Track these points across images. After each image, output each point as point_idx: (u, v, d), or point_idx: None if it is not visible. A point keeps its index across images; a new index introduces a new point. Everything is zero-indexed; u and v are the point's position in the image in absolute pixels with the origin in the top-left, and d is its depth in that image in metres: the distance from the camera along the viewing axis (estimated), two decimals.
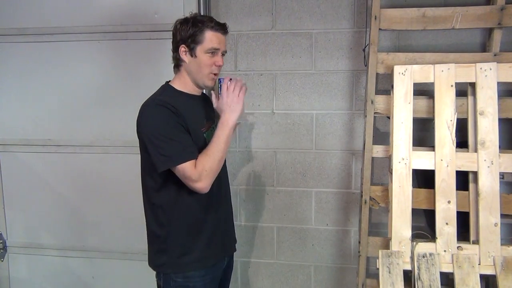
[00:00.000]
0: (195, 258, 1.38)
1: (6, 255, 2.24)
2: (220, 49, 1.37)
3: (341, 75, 1.88)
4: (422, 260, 1.48)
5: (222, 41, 1.38)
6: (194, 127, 1.35)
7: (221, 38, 1.38)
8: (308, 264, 2.02)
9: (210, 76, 1.39)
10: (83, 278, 2.19)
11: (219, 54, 1.38)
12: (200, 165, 1.28)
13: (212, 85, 1.42)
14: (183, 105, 1.35)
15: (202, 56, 1.35)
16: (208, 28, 1.34)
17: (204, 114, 1.45)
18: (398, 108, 1.59)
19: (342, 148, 1.92)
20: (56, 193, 2.15)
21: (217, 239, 1.45)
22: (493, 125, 1.53)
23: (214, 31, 1.35)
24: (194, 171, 1.27)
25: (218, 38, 1.36)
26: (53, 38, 2.02)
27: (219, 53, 1.38)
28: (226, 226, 1.54)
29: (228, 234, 1.56)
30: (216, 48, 1.36)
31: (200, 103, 1.47)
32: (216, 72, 1.40)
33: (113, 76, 2.02)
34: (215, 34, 1.35)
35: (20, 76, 2.09)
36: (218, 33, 1.36)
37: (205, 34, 1.34)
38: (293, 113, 1.94)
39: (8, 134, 2.14)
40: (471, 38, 1.76)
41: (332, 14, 1.85)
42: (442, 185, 1.53)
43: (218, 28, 1.36)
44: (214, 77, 1.40)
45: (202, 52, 1.35)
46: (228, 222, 1.57)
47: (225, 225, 1.53)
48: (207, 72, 1.37)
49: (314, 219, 1.99)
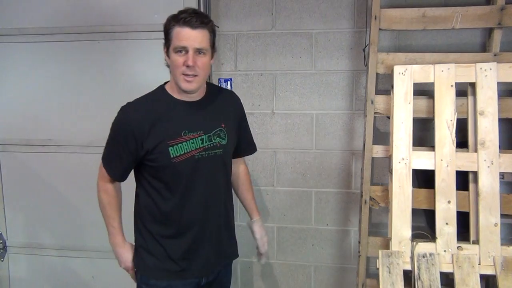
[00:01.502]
0: (161, 267, 1.35)
1: (6, 255, 2.24)
2: (187, 46, 1.22)
3: (341, 75, 1.88)
4: (422, 260, 1.48)
5: (190, 38, 1.22)
6: (158, 139, 1.26)
7: (190, 34, 1.22)
8: (308, 264, 2.02)
9: (182, 78, 1.25)
10: (83, 278, 2.19)
11: (190, 53, 1.22)
12: (101, 186, 1.39)
13: (189, 88, 1.27)
14: (160, 111, 1.29)
15: (172, 55, 1.25)
16: (176, 23, 1.23)
17: (190, 123, 1.31)
18: (398, 108, 1.59)
19: (342, 148, 1.92)
20: (56, 193, 2.15)
21: (196, 255, 1.37)
22: (493, 125, 1.53)
23: (180, 26, 1.22)
24: (100, 180, 1.38)
25: (185, 35, 1.22)
26: (53, 38, 2.02)
27: (189, 51, 1.22)
28: (214, 243, 1.40)
29: (218, 250, 1.42)
30: (182, 46, 1.22)
31: (190, 109, 1.33)
32: (189, 73, 1.24)
33: (113, 76, 2.02)
34: (181, 30, 1.22)
35: (20, 76, 2.09)
36: (185, 29, 1.22)
37: (173, 31, 1.24)
38: (293, 113, 1.94)
39: (8, 134, 2.14)
40: (471, 38, 1.76)
41: (332, 14, 1.85)
42: (442, 185, 1.53)
43: (184, 23, 1.21)
44: (189, 79, 1.25)
45: (172, 52, 1.25)
46: (220, 238, 1.43)
47: (211, 243, 1.39)
48: (178, 73, 1.25)
49: (314, 219, 1.99)
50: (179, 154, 1.28)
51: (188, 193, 1.33)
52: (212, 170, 1.36)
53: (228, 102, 1.46)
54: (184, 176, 1.31)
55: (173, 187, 1.32)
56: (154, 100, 1.33)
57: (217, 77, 1.96)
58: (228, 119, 1.41)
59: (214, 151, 1.34)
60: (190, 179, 1.32)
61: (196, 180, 1.33)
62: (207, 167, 1.34)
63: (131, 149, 1.28)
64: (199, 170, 1.33)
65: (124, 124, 1.29)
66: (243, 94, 1.95)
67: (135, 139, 1.26)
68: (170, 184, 1.32)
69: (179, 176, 1.31)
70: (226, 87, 1.96)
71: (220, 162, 1.38)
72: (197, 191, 1.34)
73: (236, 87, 1.95)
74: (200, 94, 1.36)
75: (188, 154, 1.30)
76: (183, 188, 1.32)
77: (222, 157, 1.37)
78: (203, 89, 1.37)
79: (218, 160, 1.37)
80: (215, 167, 1.37)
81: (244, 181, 1.58)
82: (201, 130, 1.32)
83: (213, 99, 1.40)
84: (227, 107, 1.44)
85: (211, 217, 1.39)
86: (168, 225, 1.35)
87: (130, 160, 1.31)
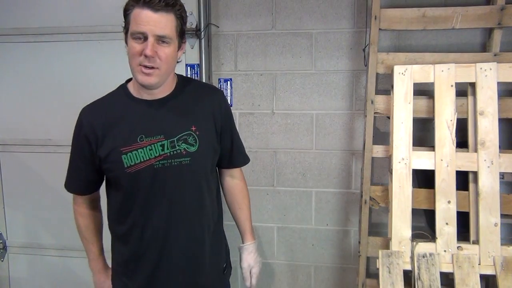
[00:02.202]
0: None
1: (6, 255, 2.24)
2: (146, 32, 1.02)
3: (341, 75, 1.88)
4: (422, 260, 1.48)
5: (150, 22, 1.02)
6: (111, 146, 1.11)
7: (150, 17, 1.02)
8: (308, 264, 2.02)
9: (139, 69, 1.06)
10: (83, 278, 2.19)
11: (150, 40, 1.03)
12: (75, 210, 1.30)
13: (146, 82, 1.08)
14: (116, 113, 1.14)
15: (129, 42, 1.07)
16: (135, 4, 1.04)
17: (148, 127, 1.12)
18: (398, 108, 1.59)
19: (342, 148, 1.92)
20: (56, 193, 2.15)
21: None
22: (493, 125, 1.53)
23: (140, 7, 1.03)
24: (74, 204, 1.31)
25: (144, 18, 1.02)
26: (53, 38, 2.02)
27: (149, 38, 1.03)
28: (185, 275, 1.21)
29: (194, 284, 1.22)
30: (140, 32, 1.03)
31: (149, 109, 1.14)
32: (147, 64, 1.05)
33: (113, 76, 2.01)
34: (140, 12, 1.02)
35: (20, 76, 2.09)
36: (145, 11, 1.02)
37: (132, 12, 1.05)
38: (293, 113, 1.94)
39: (8, 134, 2.14)
40: (471, 38, 1.76)
41: (332, 14, 1.85)
42: (442, 185, 1.53)
43: (145, 4, 1.02)
44: (147, 71, 1.06)
45: (130, 37, 1.06)
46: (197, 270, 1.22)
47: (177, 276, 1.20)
48: (134, 63, 1.06)
49: (314, 219, 1.99)
50: (134, 163, 1.10)
51: (147, 210, 1.15)
52: (177, 182, 1.15)
53: (205, 100, 1.22)
54: (141, 189, 1.13)
55: (130, 203, 1.15)
56: (111, 101, 1.18)
57: (217, 77, 1.96)
58: (202, 120, 1.19)
59: (179, 160, 1.13)
60: (149, 193, 1.13)
61: (155, 195, 1.14)
62: (170, 179, 1.14)
63: (87, 156, 1.16)
64: (159, 183, 1.13)
65: (78, 128, 1.18)
66: (243, 94, 1.95)
67: (89, 144, 1.14)
68: (127, 198, 1.15)
69: (136, 189, 1.13)
70: (226, 87, 1.96)
71: (188, 174, 1.16)
72: (158, 208, 1.15)
73: (236, 87, 1.95)
74: (165, 91, 1.16)
75: (145, 163, 1.11)
76: (142, 204, 1.14)
77: (190, 167, 1.15)
78: (169, 84, 1.17)
79: (185, 171, 1.14)
80: (181, 179, 1.15)
81: (235, 198, 1.37)
82: (162, 134, 1.12)
83: (183, 96, 1.18)
84: (202, 106, 1.20)
85: (178, 241, 1.18)
86: (127, 248, 1.19)
87: (90, 169, 1.18)
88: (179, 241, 1.18)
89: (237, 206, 1.38)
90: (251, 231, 1.38)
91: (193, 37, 1.86)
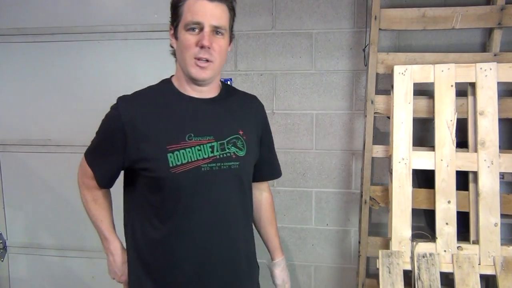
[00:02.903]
0: None
1: (6, 255, 2.24)
2: (202, 22, 0.98)
3: (341, 75, 1.88)
4: (422, 260, 1.48)
5: (207, 11, 0.98)
6: (155, 142, 1.01)
7: (206, 7, 0.98)
8: (308, 264, 2.02)
9: (193, 62, 1.00)
10: (83, 278, 2.19)
11: (206, 30, 0.98)
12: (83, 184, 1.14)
13: (200, 76, 1.02)
14: (161, 106, 1.05)
15: (182, 34, 1.00)
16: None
17: (197, 125, 1.05)
18: (398, 108, 1.59)
19: (342, 148, 1.92)
20: (56, 193, 2.15)
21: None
22: (493, 125, 1.53)
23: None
24: (82, 177, 1.13)
25: (200, 8, 0.98)
26: (53, 38, 2.02)
27: (205, 28, 0.98)
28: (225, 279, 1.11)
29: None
30: (196, 22, 0.98)
31: (199, 107, 1.07)
32: (202, 56, 1.00)
33: (113, 76, 2.02)
34: (196, 2, 0.98)
35: (20, 76, 2.09)
36: (200, 0, 0.98)
37: (185, 3, 0.99)
38: (293, 113, 1.94)
39: (8, 134, 2.14)
40: (471, 38, 1.76)
41: (332, 14, 1.85)
42: (442, 185, 1.53)
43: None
44: (202, 64, 1.00)
45: (183, 29, 1.00)
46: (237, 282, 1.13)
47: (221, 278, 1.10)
48: (188, 56, 1.00)
49: (314, 219, 1.99)
50: (180, 163, 1.00)
51: (188, 216, 1.04)
52: (223, 188, 1.06)
53: (249, 106, 1.19)
54: (184, 193, 1.03)
55: (169, 207, 1.04)
56: (155, 93, 1.09)
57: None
58: (248, 127, 1.13)
59: (228, 164, 1.05)
60: (191, 197, 1.03)
61: (200, 199, 1.04)
62: (216, 184, 1.05)
63: (118, 150, 1.04)
64: (205, 187, 1.04)
65: (114, 117, 1.05)
66: None
67: (125, 137, 1.02)
68: (165, 202, 1.04)
69: (177, 191, 1.02)
70: None
71: (235, 179, 1.08)
72: (199, 215, 1.04)
73: (236, 87, 1.95)
74: (213, 91, 1.10)
75: (192, 164, 1.01)
76: (183, 209, 1.04)
77: (238, 172, 1.07)
78: (216, 85, 1.12)
79: (232, 175, 1.07)
80: (228, 185, 1.07)
81: (267, 213, 1.28)
82: (212, 135, 1.04)
83: (228, 99, 1.13)
84: (247, 112, 1.16)
85: (219, 251, 1.08)
86: (157, 259, 1.07)
87: (116, 165, 1.07)
88: (221, 253, 1.09)
89: (268, 221, 1.29)
90: (281, 246, 1.32)
91: None
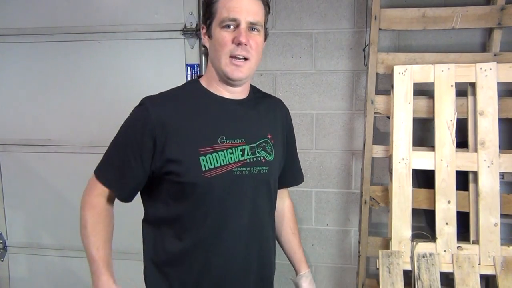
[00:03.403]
0: None
1: (6, 255, 2.24)
2: (238, 19, 0.94)
3: (341, 75, 1.88)
4: (422, 260, 1.48)
5: (243, 7, 0.94)
6: (186, 145, 0.95)
7: (244, 3, 0.94)
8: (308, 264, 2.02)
9: (229, 61, 0.95)
10: (83, 278, 2.19)
11: (242, 26, 0.94)
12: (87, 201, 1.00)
13: (236, 76, 0.97)
14: (191, 108, 0.99)
15: (217, 32, 0.96)
16: None
17: (229, 127, 0.99)
18: (398, 108, 1.59)
19: (342, 148, 1.92)
20: (56, 193, 2.15)
21: None
22: (493, 125, 1.53)
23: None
24: (89, 195, 1.00)
25: (235, 3, 0.94)
26: (53, 38, 2.02)
27: (241, 24, 0.94)
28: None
29: None
30: (232, 19, 0.94)
31: (231, 109, 1.02)
32: (240, 54, 0.95)
33: (113, 76, 2.02)
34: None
35: (20, 76, 2.09)
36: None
37: (219, 0, 0.95)
38: (293, 113, 1.92)
39: (8, 134, 2.14)
40: (471, 38, 1.76)
41: (332, 14, 1.85)
42: (442, 185, 1.53)
43: None
44: (238, 63, 0.95)
45: (217, 27, 0.96)
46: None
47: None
48: (224, 54, 0.95)
49: (314, 219, 1.99)
50: (213, 167, 0.94)
51: (219, 225, 0.97)
52: (254, 194, 1.01)
53: (276, 110, 1.15)
54: (215, 199, 0.96)
55: (198, 215, 0.96)
56: (184, 93, 1.02)
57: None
58: (276, 131, 1.09)
59: (258, 168, 1.00)
60: (223, 205, 0.97)
61: (231, 206, 0.98)
62: (247, 189, 0.99)
63: (144, 155, 0.95)
64: (238, 192, 0.98)
65: (140, 120, 0.97)
66: None
67: (154, 141, 0.94)
68: (192, 211, 0.96)
69: (210, 197, 0.95)
70: None
71: (265, 184, 1.04)
72: (234, 223, 0.98)
73: None
74: (245, 92, 1.06)
75: (224, 168, 0.95)
76: (211, 218, 0.96)
77: (267, 177, 1.03)
78: (248, 85, 1.08)
79: (262, 180, 1.02)
80: (259, 190, 1.02)
81: (290, 222, 1.23)
82: (243, 138, 0.99)
83: (257, 101, 1.09)
84: (274, 116, 1.12)
85: (253, 263, 1.03)
86: (180, 271, 1.00)
87: (142, 170, 0.96)
88: (256, 262, 1.05)
89: (290, 231, 1.23)
90: (305, 258, 1.26)
91: (193, 37, 1.86)
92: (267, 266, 1.10)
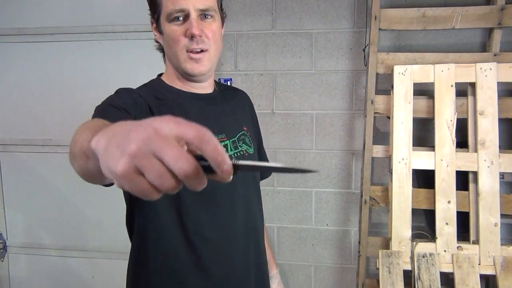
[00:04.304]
0: None
1: (6, 255, 2.24)
2: (186, 8, 0.86)
3: (341, 75, 1.88)
4: (422, 260, 1.48)
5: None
6: None
7: None
8: (308, 264, 2.02)
9: (186, 57, 0.89)
10: (83, 278, 2.19)
11: (193, 16, 0.86)
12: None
13: (197, 71, 0.91)
14: (170, 103, 0.91)
15: (166, 27, 0.89)
16: None
17: (209, 123, 0.79)
18: (398, 108, 1.59)
19: (342, 148, 1.92)
20: (56, 193, 2.15)
21: None
22: (493, 125, 1.53)
23: None
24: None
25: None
26: (53, 38, 2.02)
27: (191, 14, 0.86)
28: None
29: None
30: (179, 10, 0.86)
31: (205, 104, 0.97)
32: (196, 48, 0.88)
33: (113, 76, 2.02)
34: None
35: (20, 76, 2.09)
36: None
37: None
38: (293, 113, 1.94)
39: (8, 134, 2.14)
40: (471, 38, 1.76)
41: (332, 14, 1.85)
42: (442, 185, 1.53)
43: None
44: (196, 56, 0.89)
45: (166, 22, 0.89)
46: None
47: None
48: (179, 50, 0.88)
49: (314, 219, 1.99)
50: None
51: (207, 224, 0.91)
52: (244, 190, 0.98)
53: (244, 102, 1.11)
54: (207, 195, 0.90)
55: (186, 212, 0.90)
56: (154, 91, 0.94)
57: (217, 77, 1.96)
58: (248, 123, 1.07)
59: None
60: (213, 202, 0.93)
61: (222, 204, 0.94)
62: (237, 186, 0.96)
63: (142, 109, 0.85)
64: (228, 190, 0.94)
65: (133, 91, 0.88)
66: None
67: (149, 107, 0.87)
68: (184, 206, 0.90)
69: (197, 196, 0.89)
70: None
71: (251, 179, 1.01)
72: (233, 220, 0.95)
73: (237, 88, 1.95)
74: (210, 86, 1.00)
75: None
76: (202, 215, 0.91)
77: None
78: (212, 79, 1.02)
79: (250, 175, 1.00)
80: (248, 186, 1.00)
81: None
82: (223, 133, 0.95)
83: (227, 94, 1.05)
84: (243, 108, 1.09)
85: (251, 263, 1.00)
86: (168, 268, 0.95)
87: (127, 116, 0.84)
88: (254, 258, 1.01)
89: None
90: (275, 259, 1.23)
91: None
92: (264, 264, 1.08)
